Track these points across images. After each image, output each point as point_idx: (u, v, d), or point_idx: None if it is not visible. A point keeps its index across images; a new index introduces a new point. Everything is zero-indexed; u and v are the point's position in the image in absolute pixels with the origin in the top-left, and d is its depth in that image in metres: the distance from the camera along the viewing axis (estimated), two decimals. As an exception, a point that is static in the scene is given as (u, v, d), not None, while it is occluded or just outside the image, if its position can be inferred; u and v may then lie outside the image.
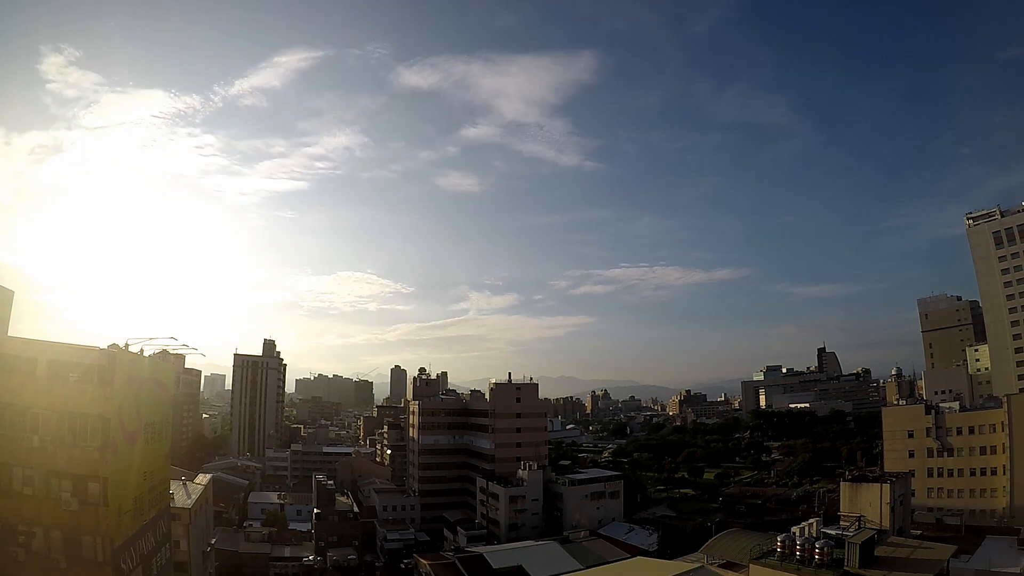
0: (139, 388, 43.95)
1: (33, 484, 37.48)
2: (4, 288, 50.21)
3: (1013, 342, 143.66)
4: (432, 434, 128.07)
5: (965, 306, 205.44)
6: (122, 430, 40.31)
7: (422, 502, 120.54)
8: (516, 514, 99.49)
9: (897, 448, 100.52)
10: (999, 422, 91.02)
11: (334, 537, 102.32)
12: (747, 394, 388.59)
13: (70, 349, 40.37)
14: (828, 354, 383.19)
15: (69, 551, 37.33)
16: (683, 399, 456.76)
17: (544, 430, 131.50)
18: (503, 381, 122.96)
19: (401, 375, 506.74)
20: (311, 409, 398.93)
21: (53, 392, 38.01)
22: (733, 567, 56.11)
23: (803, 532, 51.24)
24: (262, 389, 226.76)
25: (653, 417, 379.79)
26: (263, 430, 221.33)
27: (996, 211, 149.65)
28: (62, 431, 37.74)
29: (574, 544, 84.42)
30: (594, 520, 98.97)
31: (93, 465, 37.71)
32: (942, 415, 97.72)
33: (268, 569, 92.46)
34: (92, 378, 38.78)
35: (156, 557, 46.97)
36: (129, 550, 40.92)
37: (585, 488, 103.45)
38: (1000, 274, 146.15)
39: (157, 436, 48.63)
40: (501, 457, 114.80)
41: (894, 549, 51.03)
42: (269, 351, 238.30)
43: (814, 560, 46.91)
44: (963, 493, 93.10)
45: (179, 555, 55.28)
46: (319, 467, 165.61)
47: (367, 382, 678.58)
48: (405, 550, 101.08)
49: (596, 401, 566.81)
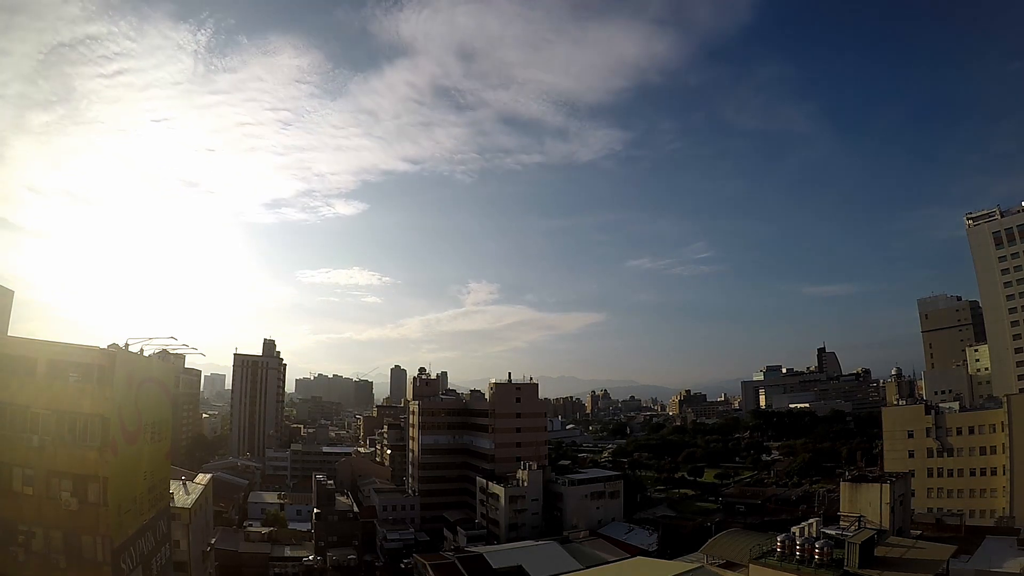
0: (139, 388, 43.94)
1: (33, 484, 37.51)
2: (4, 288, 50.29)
3: (1013, 342, 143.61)
4: (432, 434, 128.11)
5: (965, 306, 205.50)
6: (122, 430, 40.33)
7: (422, 502, 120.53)
8: (516, 514, 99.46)
9: (897, 448, 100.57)
10: (999, 422, 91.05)
11: (334, 537, 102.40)
12: (747, 394, 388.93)
13: (70, 349, 40.38)
14: (828, 354, 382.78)
15: (69, 551, 37.36)
16: (683, 399, 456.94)
17: (544, 430, 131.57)
18: (503, 381, 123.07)
19: (401, 375, 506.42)
20: (311, 409, 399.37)
21: (53, 392, 38.02)
22: (733, 567, 56.08)
23: (803, 532, 51.16)
24: (262, 389, 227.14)
25: (653, 417, 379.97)
26: (263, 430, 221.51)
27: (996, 211, 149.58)
28: (62, 431, 37.77)
29: (574, 544, 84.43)
30: (594, 520, 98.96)
31: (93, 465, 37.73)
32: (942, 415, 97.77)
33: (268, 569, 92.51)
34: (92, 378, 38.78)
35: (156, 557, 46.96)
36: (129, 550, 40.93)
37: (585, 488, 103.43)
38: (1000, 274, 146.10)
39: (157, 436, 48.65)
40: (501, 457, 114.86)
41: (894, 549, 50.93)
42: (269, 351, 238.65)
43: (814, 560, 46.85)
44: (963, 493, 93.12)
45: (179, 555, 55.26)
46: (319, 467, 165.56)
47: (367, 382, 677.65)
48: (405, 550, 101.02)
49: (596, 401, 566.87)
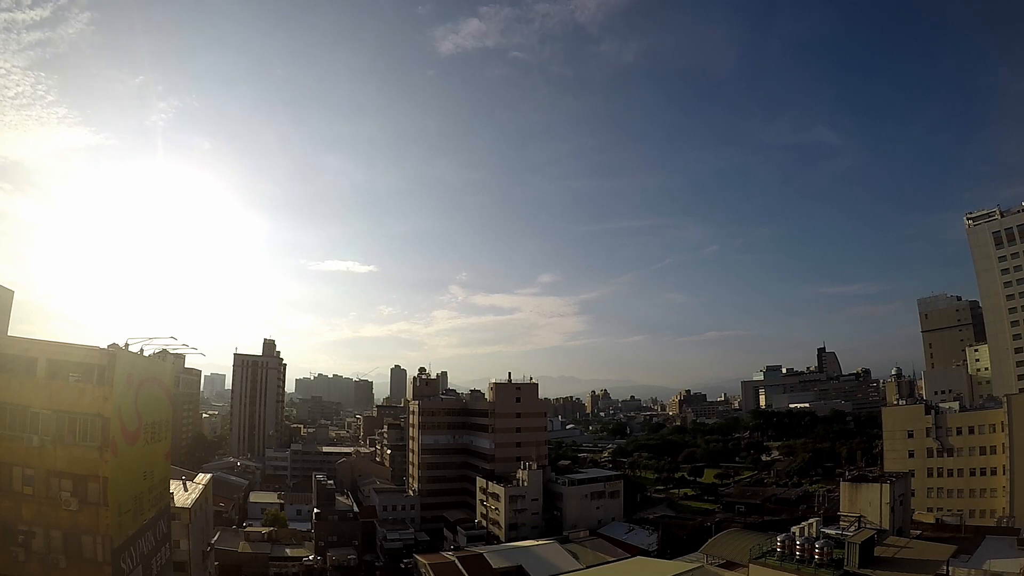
0: (139, 388, 43.91)
1: (33, 484, 37.45)
2: (4, 288, 50.32)
3: (1013, 342, 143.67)
4: (432, 434, 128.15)
5: (965, 306, 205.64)
6: (122, 430, 40.30)
7: (422, 502, 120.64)
8: (516, 514, 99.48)
9: (897, 448, 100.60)
10: (999, 422, 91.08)
11: (334, 537, 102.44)
12: (747, 394, 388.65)
13: (70, 349, 40.34)
14: (828, 354, 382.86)
15: (69, 551, 37.33)
16: (683, 399, 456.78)
17: (544, 430, 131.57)
18: (503, 381, 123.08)
19: (401, 375, 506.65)
20: (311, 409, 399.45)
21: (53, 392, 37.98)
22: (733, 567, 56.13)
23: (803, 532, 51.20)
24: (262, 389, 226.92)
25: (653, 417, 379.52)
26: (263, 430, 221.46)
27: (996, 211, 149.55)
28: (62, 431, 37.71)
29: (574, 544, 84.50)
30: (594, 520, 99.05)
31: (93, 465, 37.68)
32: (942, 415, 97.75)
33: (268, 569, 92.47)
34: (92, 378, 38.74)
35: (156, 557, 46.95)
36: (129, 550, 40.92)
37: (585, 488, 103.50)
38: (1000, 274, 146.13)
39: (157, 436, 48.63)
40: (501, 457, 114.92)
41: (894, 549, 50.95)
42: (269, 351, 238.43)
43: (814, 560, 46.83)
44: (963, 493, 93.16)
45: (179, 555, 55.24)
46: (319, 467, 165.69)
47: (367, 382, 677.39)
48: (405, 550, 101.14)
49: (596, 401, 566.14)
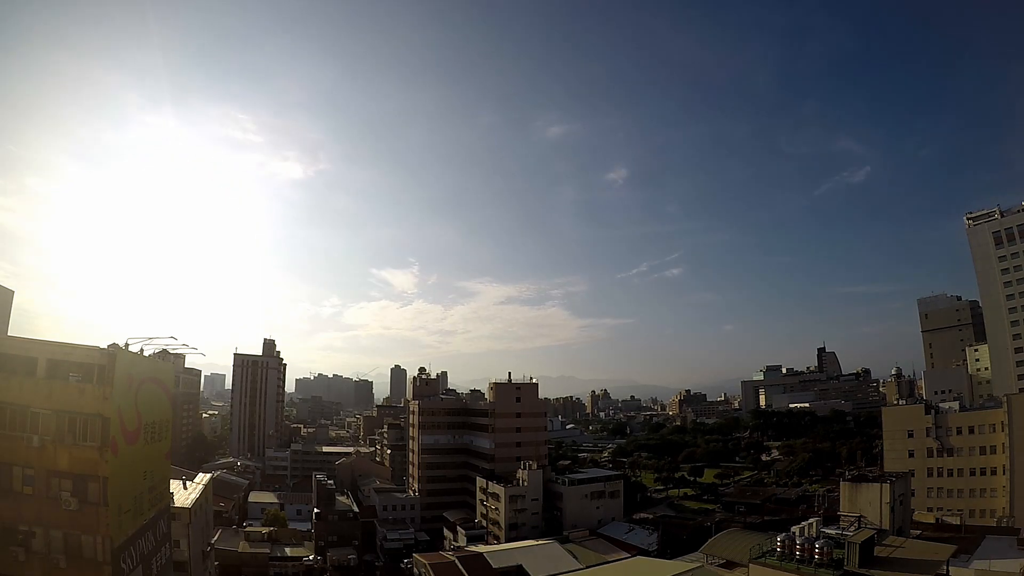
0: (139, 388, 43.90)
1: (33, 484, 37.45)
2: (4, 288, 50.38)
3: (1013, 342, 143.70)
4: (432, 434, 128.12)
5: (965, 306, 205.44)
6: (122, 430, 40.30)
7: (422, 502, 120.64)
8: (516, 514, 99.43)
9: (897, 448, 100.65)
10: (999, 422, 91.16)
11: (334, 537, 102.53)
12: (747, 394, 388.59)
13: (70, 349, 40.31)
14: (828, 354, 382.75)
15: (69, 551, 37.33)
16: (683, 399, 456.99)
17: (544, 430, 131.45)
18: (503, 381, 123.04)
19: (401, 375, 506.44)
20: (311, 409, 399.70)
21: (53, 392, 37.97)
22: (733, 567, 56.19)
23: (803, 532, 51.20)
24: (262, 389, 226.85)
25: (653, 417, 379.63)
26: (263, 430, 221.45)
27: (996, 211, 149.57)
28: (62, 431, 37.70)
29: (574, 544, 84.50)
30: (594, 520, 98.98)
31: (93, 465, 37.67)
32: (942, 415, 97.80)
33: (268, 569, 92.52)
34: (92, 378, 38.74)
35: (156, 557, 46.94)
36: (129, 550, 40.91)
37: (585, 488, 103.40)
38: (1000, 274, 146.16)
39: (157, 436, 48.61)
40: (501, 457, 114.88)
41: (893, 549, 50.92)
42: (269, 351, 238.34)
43: (814, 560, 46.83)
44: (963, 493, 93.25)
45: (179, 555, 55.21)
46: (319, 467, 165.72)
47: (367, 382, 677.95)
48: (405, 550, 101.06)
49: (596, 401, 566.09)
